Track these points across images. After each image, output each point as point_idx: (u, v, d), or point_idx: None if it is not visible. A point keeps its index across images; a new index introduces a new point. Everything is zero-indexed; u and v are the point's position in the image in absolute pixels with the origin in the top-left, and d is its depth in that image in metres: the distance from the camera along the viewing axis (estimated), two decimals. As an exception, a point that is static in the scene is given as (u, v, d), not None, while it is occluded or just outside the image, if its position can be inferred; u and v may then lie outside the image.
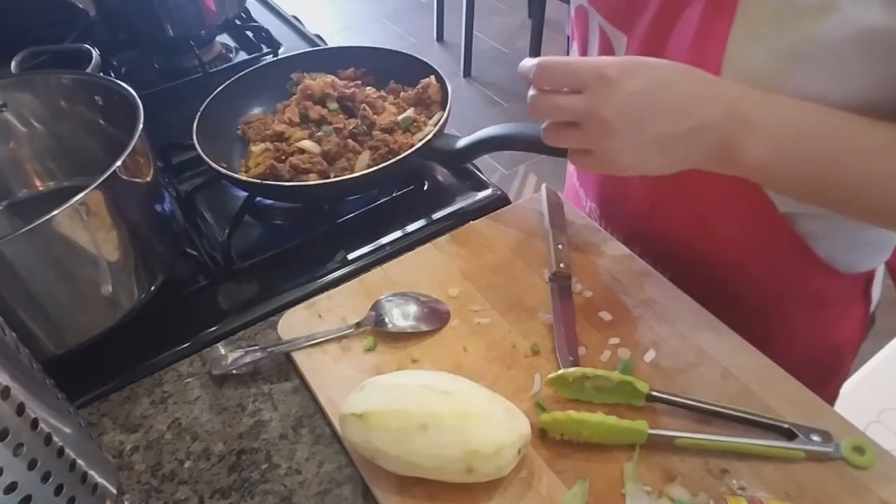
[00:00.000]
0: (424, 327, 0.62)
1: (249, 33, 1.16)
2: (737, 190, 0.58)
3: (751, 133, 0.48)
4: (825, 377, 0.74)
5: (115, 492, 0.52)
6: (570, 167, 0.86)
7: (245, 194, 0.79)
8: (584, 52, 0.70)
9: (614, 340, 0.60)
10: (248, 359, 0.61)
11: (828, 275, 0.65)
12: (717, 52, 0.52)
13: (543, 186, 0.75)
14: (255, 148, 0.80)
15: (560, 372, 0.55)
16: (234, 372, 0.62)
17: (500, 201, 0.79)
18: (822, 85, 0.49)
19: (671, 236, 0.68)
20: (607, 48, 0.65)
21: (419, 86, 0.84)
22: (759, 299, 0.68)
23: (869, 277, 0.70)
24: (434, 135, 0.75)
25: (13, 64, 0.85)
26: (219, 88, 0.84)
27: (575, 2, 0.68)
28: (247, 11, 1.18)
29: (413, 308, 0.63)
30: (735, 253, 0.66)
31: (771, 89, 0.49)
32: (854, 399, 1.45)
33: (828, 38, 0.47)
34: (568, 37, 3.01)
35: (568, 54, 0.74)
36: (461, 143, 0.74)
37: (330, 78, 0.85)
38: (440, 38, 3.27)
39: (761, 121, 0.48)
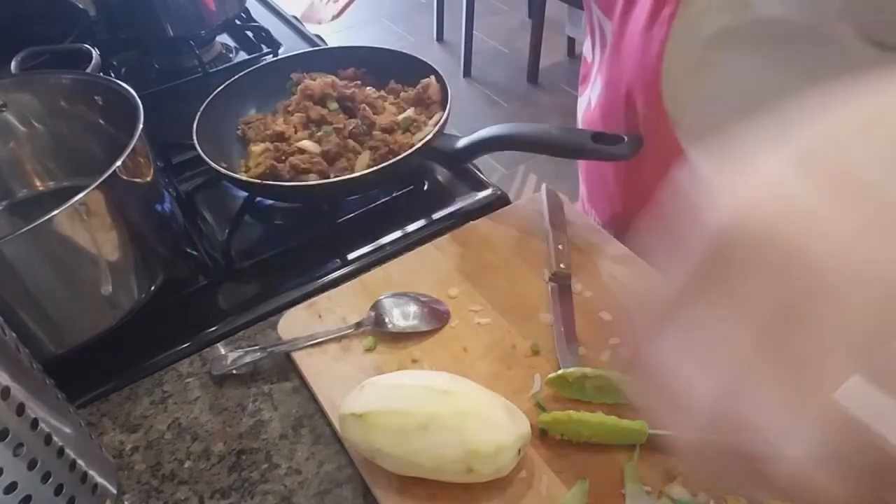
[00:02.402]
0: (424, 327, 0.62)
1: (249, 33, 1.16)
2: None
3: None
4: None
5: (115, 492, 0.52)
6: (582, 167, 0.87)
7: (245, 194, 0.79)
8: (592, 41, 0.73)
9: (614, 340, 0.60)
10: (248, 359, 0.61)
11: None
12: (662, 38, 0.56)
13: (543, 186, 0.75)
14: (256, 148, 0.80)
15: (560, 372, 0.55)
16: (234, 372, 0.62)
17: (500, 201, 0.79)
18: (743, 72, 0.53)
19: (637, 221, 0.70)
20: (603, 37, 0.67)
21: (419, 86, 0.84)
22: None
23: None
24: (434, 135, 0.75)
25: (13, 64, 0.85)
26: (219, 88, 0.84)
27: None
28: (247, 11, 1.18)
29: (413, 308, 0.63)
30: None
31: (702, 75, 0.54)
32: (854, 399, 1.45)
33: (746, 29, 0.51)
34: (569, 37, 3.02)
35: (581, 52, 0.77)
36: (461, 143, 0.74)
37: (330, 78, 0.85)
38: (440, 38, 3.28)
39: None
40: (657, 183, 0.65)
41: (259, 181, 0.74)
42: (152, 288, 0.65)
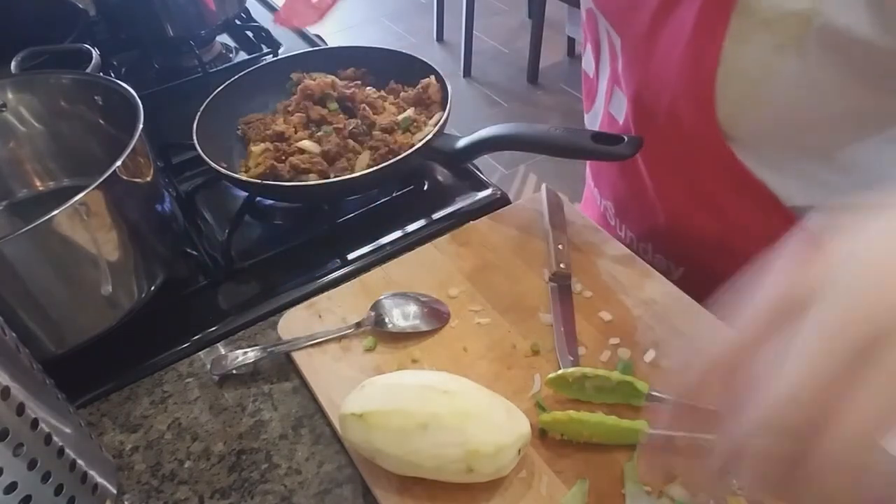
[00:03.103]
0: (424, 327, 0.62)
1: (249, 33, 1.16)
2: (744, 184, 0.59)
3: None
4: None
5: (115, 492, 0.52)
6: (588, 169, 0.87)
7: (245, 194, 0.79)
8: (597, 54, 0.71)
9: (614, 340, 0.60)
10: (248, 359, 0.61)
11: None
12: (715, 53, 0.53)
13: (543, 186, 0.75)
14: (256, 148, 0.80)
15: (560, 372, 0.55)
16: (234, 372, 0.62)
17: (500, 201, 0.79)
18: (809, 86, 0.51)
19: (682, 232, 0.69)
20: (613, 51, 0.66)
21: (419, 86, 0.84)
22: None
23: None
24: (434, 135, 0.75)
25: (13, 64, 0.85)
26: (219, 88, 0.84)
27: (584, 4, 0.69)
28: (247, 11, 1.18)
29: (413, 308, 0.63)
30: (747, 249, 0.65)
31: (763, 88, 0.52)
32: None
33: (812, 40, 0.49)
34: (569, 37, 3.02)
35: (582, 57, 0.75)
36: (461, 143, 0.74)
37: (330, 78, 0.85)
38: (440, 38, 3.28)
39: None
40: (708, 192, 0.64)
41: (259, 181, 0.74)
42: (152, 288, 0.64)
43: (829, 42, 0.48)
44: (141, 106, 0.64)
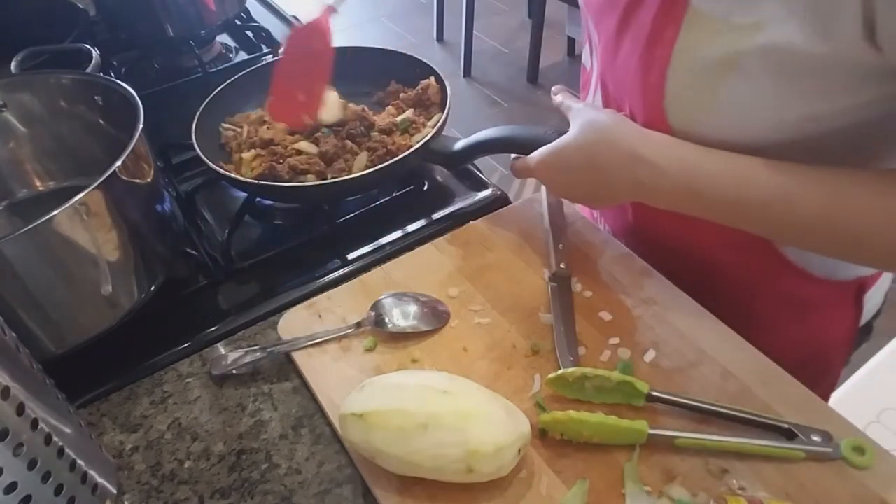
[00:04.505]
0: (424, 327, 0.62)
1: (249, 33, 1.16)
2: None
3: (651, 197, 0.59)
4: (810, 383, 0.73)
5: (115, 492, 0.52)
6: None
7: (245, 194, 0.79)
8: (591, 51, 0.72)
9: (614, 340, 0.60)
10: (248, 359, 0.61)
11: (805, 279, 0.65)
12: (665, 60, 0.54)
13: (543, 187, 0.75)
14: (246, 155, 0.79)
15: (560, 372, 0.55)
16: (234, 372, 0.62)
17: (500, 201, 0.79)
18: (753, 98, 0.52)
19: (648, 231, 0.70)
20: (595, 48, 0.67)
21: (419, 87, 0.84)
22: (739, 299, 0.67)
23: (860, 286, 0.69)
24: (432, 137, 0.75)
25: (13, 64, 0.85)
26: (219, 88, 0.84)
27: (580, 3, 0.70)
28: (247, 11, 1.18)
29: (413, 308, 0.63)
30: (713, 252, 0.66)
31: (709, 97, 0.53)
32: (854, 399, 1.44)
33: (755, 54, 0.49)
34: (569, 37, 3.02)
35: (581, 52, 0.77)
36: (458, 145, 0.74)
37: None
38: (440, 38, 3.27)
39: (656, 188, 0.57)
40: None
41: (256, 182, 0.74)
42: (152, 288, 0.65)
43: (770, 59, 0.49)
44: (141, 106, 0.64)
